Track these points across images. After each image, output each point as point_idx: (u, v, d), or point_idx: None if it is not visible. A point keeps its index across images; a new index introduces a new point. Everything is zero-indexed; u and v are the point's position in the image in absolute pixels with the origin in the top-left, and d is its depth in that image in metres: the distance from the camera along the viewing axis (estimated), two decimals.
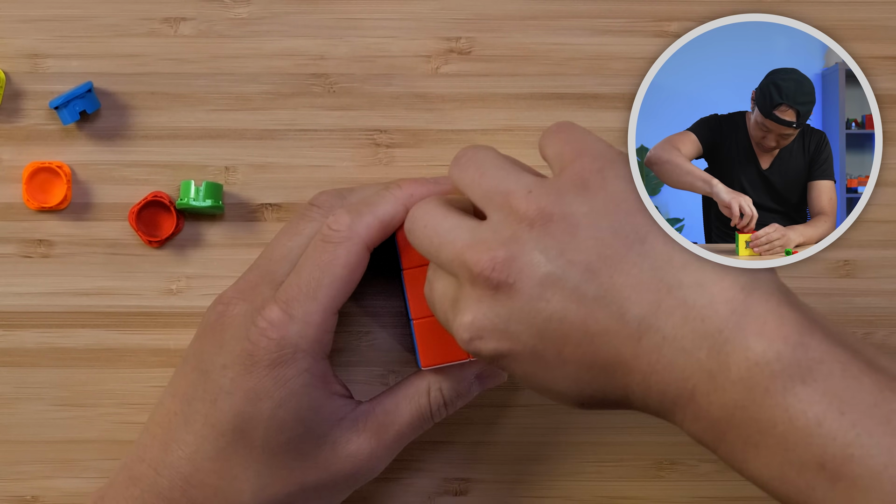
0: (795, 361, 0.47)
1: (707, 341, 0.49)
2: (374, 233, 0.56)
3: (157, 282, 0.63)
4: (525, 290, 0.50)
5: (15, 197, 0.63)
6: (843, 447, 0.46)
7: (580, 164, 0.52)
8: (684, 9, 0.65)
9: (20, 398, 0.63)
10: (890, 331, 0.65)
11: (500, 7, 0.64)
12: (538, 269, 0.50)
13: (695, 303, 0.49)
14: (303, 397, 0.56)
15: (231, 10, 0.64)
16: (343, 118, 0.64)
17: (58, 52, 0.64)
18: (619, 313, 0.50)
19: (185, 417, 0.57)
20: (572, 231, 0.51)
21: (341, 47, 0.64)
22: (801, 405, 0.47)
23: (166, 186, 0.64)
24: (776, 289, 0.50)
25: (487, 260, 0.51)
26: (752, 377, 0.47)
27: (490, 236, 0.51)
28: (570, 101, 0.64)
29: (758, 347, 0.47)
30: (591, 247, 0.50)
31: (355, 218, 0.56)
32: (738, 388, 0.48)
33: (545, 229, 0.51)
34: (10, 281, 0.63)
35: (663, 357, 0.49)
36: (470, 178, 0.54)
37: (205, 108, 0.64)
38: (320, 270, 0.56)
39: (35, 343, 0.63)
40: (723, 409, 0.48)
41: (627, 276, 0.50)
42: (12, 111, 0.64)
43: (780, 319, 0.48)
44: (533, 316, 0.50)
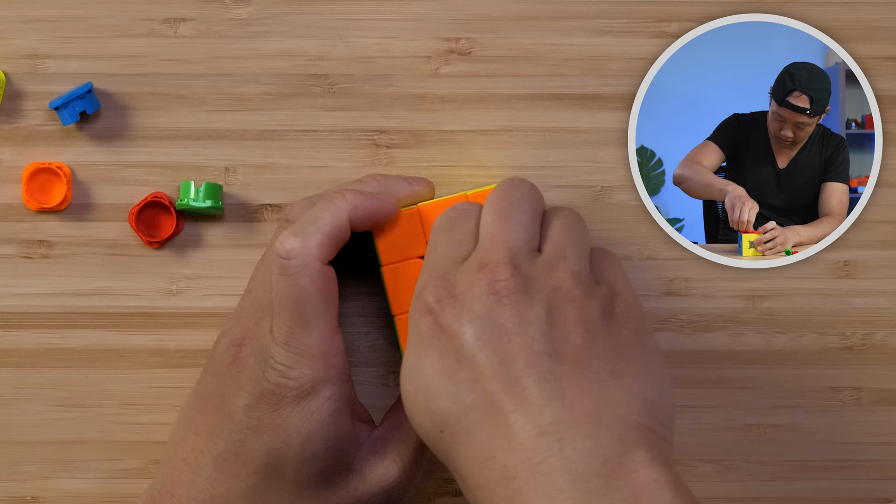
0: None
1: (598, 480, 0.49)
2: (326, 249, 0.56)
3: (157, 282, 0.63)
4: (506, 315, 0.51)
5: (15, 197, 0.63)
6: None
7: (618, 299, 0.54)
8: (684, 10, 0.64)
9: (20, 399, 0.63)
10: (890, 331, 0.65)
11: (500, 8, 0.64)
12: (528, 316, 0.51)
13: (607, 445, 0.50)
14: (329, 427, 0.56)
15: (231, 10, 0.64)
16: (343, 119, 0.64)
17: (58, 52, 0.63)
18: (547, 400, 0.50)
19: (213, 457, 0.57)
20: (576, 323, 0.52)
21: (341, 48, 0.64)
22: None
23: (166, 187, 0.64)
24: (681, 479, 0.51)
25: (507, 275, 0.52)
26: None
27: (528, 264, 0.53)
28: (569, 102, 0.64)
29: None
30: (577, 344, 0.51)
31: (304, 240, 0.56)
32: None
33: (563, 302, 0.52)
34: (9, 281, 0.63)
35: (548, 464, 0.49)
36: (557, 223, 0.55)
37: (205, 109, 0.64)
38: (296, 304, 0.56)
39: (35, 344, 0.63)
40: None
41: (577, 386, 0.50)
42: (12, 112, 0.64)
43: (675, 493, 0.49)
44: (492, 336, 0.51)
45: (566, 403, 0.50)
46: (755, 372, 0.65)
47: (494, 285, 0.52)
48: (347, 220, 0.57)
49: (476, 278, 0.53)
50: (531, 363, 0.51)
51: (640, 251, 0.65)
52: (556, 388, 0.51)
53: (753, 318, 0.65)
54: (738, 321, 0.65)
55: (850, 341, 0.65)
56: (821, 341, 0.65)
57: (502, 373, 0.51)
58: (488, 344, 0.51)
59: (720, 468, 0.64)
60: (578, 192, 0.65)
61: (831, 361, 0.65)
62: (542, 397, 0.50)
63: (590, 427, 0.50)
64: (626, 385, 0.51)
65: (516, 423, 0.50)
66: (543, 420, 0.50)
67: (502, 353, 0.51)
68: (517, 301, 0.52)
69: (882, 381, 0.65)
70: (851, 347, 0.65)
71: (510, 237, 0.54)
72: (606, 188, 0.65)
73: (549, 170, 0.64)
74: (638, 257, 0.65)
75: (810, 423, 0.65)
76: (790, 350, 0.65)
